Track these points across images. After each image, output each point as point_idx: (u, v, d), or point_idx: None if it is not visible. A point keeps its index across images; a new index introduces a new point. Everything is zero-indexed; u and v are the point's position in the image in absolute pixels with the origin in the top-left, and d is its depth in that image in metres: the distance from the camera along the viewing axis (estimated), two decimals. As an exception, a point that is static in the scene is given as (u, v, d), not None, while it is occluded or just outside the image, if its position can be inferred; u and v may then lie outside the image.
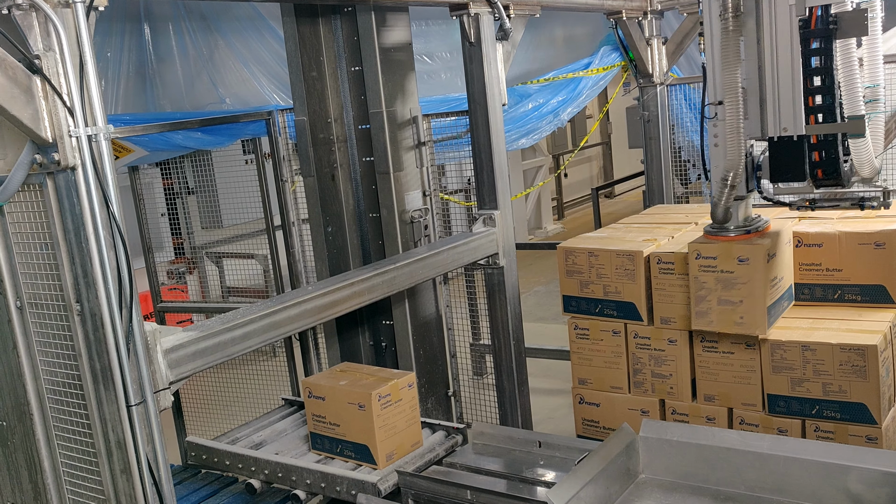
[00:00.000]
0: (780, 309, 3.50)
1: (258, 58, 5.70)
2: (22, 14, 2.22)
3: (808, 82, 2.88)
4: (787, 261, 3.50)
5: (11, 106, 2.22)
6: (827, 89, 2.86)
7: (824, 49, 2.84)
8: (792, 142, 2.95)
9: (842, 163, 3.02)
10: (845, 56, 2.82)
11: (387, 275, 3.49)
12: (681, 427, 3.03)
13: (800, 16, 2.87)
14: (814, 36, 2.85)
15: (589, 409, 4.06)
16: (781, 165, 3.05)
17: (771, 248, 3.30)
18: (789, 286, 3.57)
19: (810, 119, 2.90)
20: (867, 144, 2.92)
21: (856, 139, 2.90)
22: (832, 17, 2.83)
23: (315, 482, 3.22)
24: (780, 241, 3.40)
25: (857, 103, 2.83)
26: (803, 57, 2.87)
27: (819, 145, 2.97)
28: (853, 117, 2.84)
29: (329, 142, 4.21)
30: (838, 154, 3.02)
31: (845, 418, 3.39)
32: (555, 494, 2.61)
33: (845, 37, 2.81)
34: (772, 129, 2.93)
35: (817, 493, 2.65)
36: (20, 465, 2.77)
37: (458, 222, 6.01)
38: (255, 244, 6.51)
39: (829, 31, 2.82)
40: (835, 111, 2.87)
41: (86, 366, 2.48)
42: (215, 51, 5.55)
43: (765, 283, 3.22)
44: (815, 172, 3.10)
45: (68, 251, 2.41)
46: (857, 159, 2.96)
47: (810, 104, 2.89)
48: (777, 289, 3.42)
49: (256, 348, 3.15)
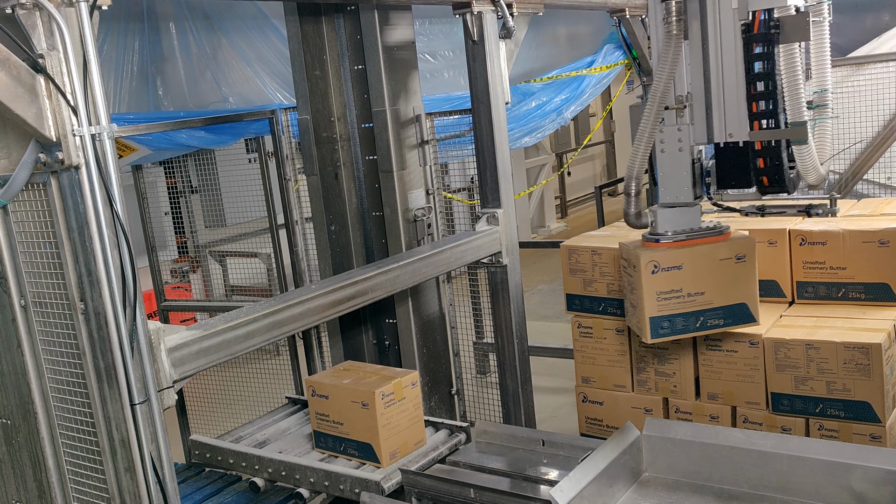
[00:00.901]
0: (691, 325, 3.11)
1: (261, 56, 5.70)
2: (26, 13, 2.23)
3: (751, 87, 2.82)
4: (717, 276, 3.06)
5: (15, 105, 2.23)
6: (770, 95, 2.80)
7: (766, 54, 2.78)
8: (738, 148, 2.90)
9: (787, 170, 2.95)
10: (788, 61, 2.75)
11: (390, 273, 3.48)
12: (684, 425, 3.02)
13: (742, 20, 2.80)
14: (756, 40, 2.78)
15: (592, 408, 4.06)
16: (727, 172, 3.00)
17: (668, 260, 3.02)
18: (727, 306, 3.11)
19: (754, 125, 2.84)
20: (811, 151, 2.84)
21: (799, 146, 2.83)
22: (774, 22, 2.77)
23: (318, 480, 3.23)
24: (709, 255, 3.04)
25: (800, 109, 2.75)
26: (746, 62, 2.81)
27: (763, 152, 2.90)
28: (796, 123, 2.76)
29: (332, 140, 4.22)
30: (782, 161, 2.95)
31: (849, 417, 3.38)
32: (558, 493, 2.61)
33: (788, 41, 2.74)
34: (718, 134, 2.88)
35: (821, 492, 2.65)
36: (24, 463, 2.77)
37: (462, 221, 6.01)
38: (259, 243, 6.52)
39: (771, 36, 2.76)
40: (778, 117, 2.81)
41: (90, 364, 2.49)
42: (219, 50, 5.56)
43: (648, 293, 3.04)
44: (760, 179, 3.04)
45: (72, 250, 2.42)
46: (802, 166, 2.88)
47: (754, 110, 2.83)
48: (681, 302, 3.07)
49: (260, 347, 3.15)
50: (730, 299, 2.96)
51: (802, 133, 2.76)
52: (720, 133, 2.88)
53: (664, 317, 3.00)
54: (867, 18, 6.31)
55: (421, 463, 3.25)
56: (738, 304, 2.95)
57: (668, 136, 3.00)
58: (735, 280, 2.95)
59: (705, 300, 2.96)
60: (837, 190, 5.61)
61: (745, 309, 2.97)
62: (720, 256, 2.95)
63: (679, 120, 2.98)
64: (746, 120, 2.83)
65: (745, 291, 2.96)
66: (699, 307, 2.98)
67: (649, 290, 2.98)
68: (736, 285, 2.96)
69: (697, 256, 2.97)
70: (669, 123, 3.00)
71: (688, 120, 2.97)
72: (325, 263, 4.37)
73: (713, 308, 2.99)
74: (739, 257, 2.91)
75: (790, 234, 3.78)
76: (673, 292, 2.97)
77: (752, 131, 2.83)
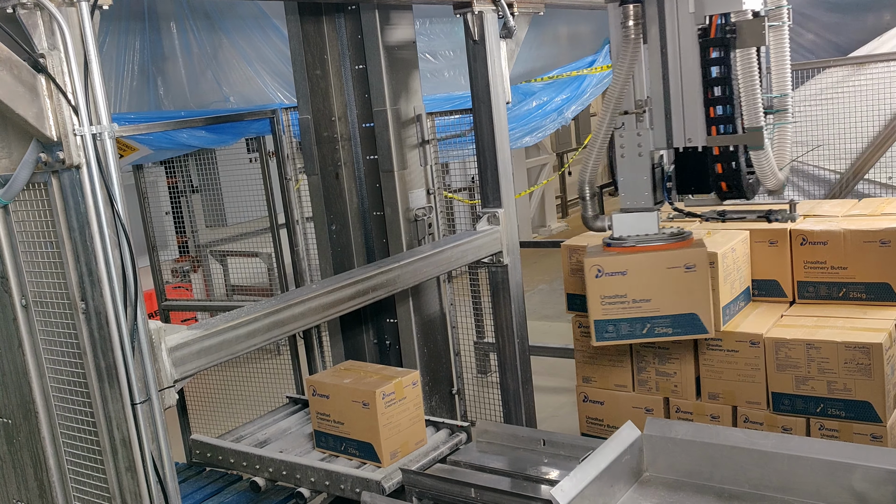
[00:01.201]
0: (636, 331, 3.09)
1: (262, 56, 5.70)
2: (27, 13, 2.23)
3: (708, 92, 2.79)
4: (664, 284, 2.99)
5: (16, 104, 2.23)
6: (727, 100, 2.77)
7: (723, 59, 2.75)
8: (697, 153, 2.88)
9: (745, 175, 2.92)
10: (745, 66, 2.72)
11: (391, 273, 3.48)
12: (685, 425, 3.02)
13: (699, 24, 2.77)
14: (712, 45, 2.76)
15: (593, 408, 4.06)
16: (687, 177, 2.97)
17: (612, 265, 3.01)
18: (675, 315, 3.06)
19: (712, 130, 2.81)
20: (768, 156, 2.80)
21: (756, 151, 2.80)
22: (731, 26, 2.73)
23: (319, 480, 3.23)
24: (656, 263, 3.00)
25: (757, 115, 2.72)
26: (703, 66, 2.78)
27: (721, 157, 2.88)
28: (752, 129, 2.74)
29: (333, 140, 4.22)
30: (740, 166, 2.93)
31: (850, 416, 3.38)
32: (559, 492, 2.61)
33: (744, 46, 2.71)
34: (677, 139, 2.86)
35: (822, 492, 2.65)
36: (25, 462, 2.77)
37: (462, 220, 6.01)
38: (260, 242, 6.53)
39: (728, 41, 2.73)
40: (735, 122, 2.78)
41: (91, 364, 2.49)
42: (219, 49, 5.56)
43: (593, 296, 3.03)
44: (718, 185, 3.01)
45: (73, 250, 2.42)
46: (760, 171, 2.83)
47: (711, 115, 2.80)
48: (625, 308, 3.06)
49: (260, 346, 3.16)
50: (678, 308, 2.90)
51: (759, 139, 2.73)
52: (679, 138, 2.86)
53: (609, 321, 2.98)
54: (868, 18, 6.31)
55: (422, 462, 3.25)
56: (687, 313, 2.89)
57: (628, 141, 2.97)
58: (684, 289, 2.89)
59: (651, 307, 2.92)
60: (839, 189, 5.61)
61: (695, 319, 2.91)
62: (667, 265, 2.90)
63: (639, 125, 2.96)
64: (703, 125, 2.80)
65: (695, 301, 2.89)
66: (645, 314, 2.94)
67: (593, 293, 2.97)
68: (685, 295, 2.89)
69: (642, 263, 2.93)
70: (629, 128, 2.97)
71: (647, 124, 2.94)
72: (325, 263, 4.37)
73: (660, 316, 2.94)
74: (689, 267, 2.86)
75: (791, 233, 3.78)
76: (617, 297, 2.95)
77: (710, 136, 2.80)
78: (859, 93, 5.37)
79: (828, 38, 6.50)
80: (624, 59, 2.84)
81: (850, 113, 5.40)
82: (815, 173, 5.72)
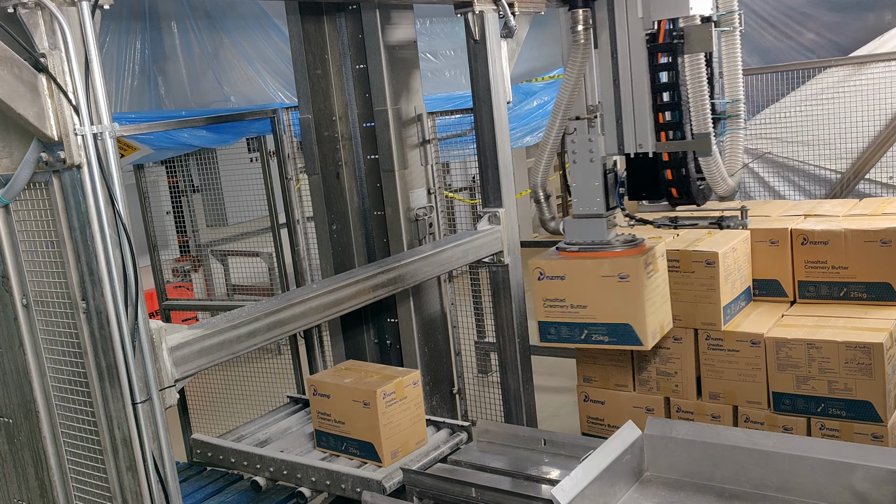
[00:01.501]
0: (576, 335, 3.06)
1: (263, 56, 5.71)
2: (27, 12, 2.23)
3: (656, 98, 2.77)
4: (599, 293, 2.95)
5: (17, 104, 2.23)
6: (675, 106, 2.75)
7: (671, 64, 2.73)
8: (647, 159, 2.86)
9: (694, 181, 2.90)
10: (693, 72, 2.70)
11: (391, 272, 3.48)
12: (686, 425, 3.02)
13: (647, 30, 2.76)
14: (660, 50, 2.74)
15: (594, 407, 4.06)
16: (638, 183, 2.95)
17: (552, 269, 3.00)
18: (610, 324, 2.99)
19: (661, 136, 2.80)
20: (717, 162, 2.77)
21: (704, 157, 2.78)
22: (678, 32, 2.72)
23: (320, 480, 3.23)
24: (592, 270, 2.96)
25: (705, 120, 2.70)
26: (651, 72, 2.77)
27: (671, 163, 2.86)
28: (700, 135, 2.72)
29: (334, 140, 4.22)
30: (689, 172, 2.92)
31: (851, 416, 3.38)
32: (560, 492, 2.61)
33: (692, 52, 2.69)
34: (628, 145, 2.85)
35: (823, 492, 2.65)
36: (26, 462, 2.78)
37: (463, 220, 6.01)
38: (260, 242, 6.53)
39: (675, 46, 2.71)
40: (684, 128, 2.75)
41: (91, 363, 2.49)
42: (220, 49, 5.57)
43: (536, 298, 3.00)
44: (669, 191, 3.00)
45: (74, 249, 2.42)
46: (710, 178, 2.81)
47: (660, 120, 2.79)
48: (564, 312, 3.04)
49: (261, 346, 3.16)
50: (613, 318, 2.85)
51: (706, 144, 2.70)
52: (630, 144, 2.84)
53: (551, 323, 2.96)
54: (869, 17, 6.31)
55: (422, 462, 3.25)
56: (622, 323, 2.84)
57: (580, 147, 2.95)
58: (618, 299, 2.84)
59: (588, 314, 2.89)
60: (840, 189, 5.61)
61: (629, 330, 2.84)
62: (602, 273, 2.86)
63: (590, 130, 2.94)
64: (652, 131, 2.79)
65: (630, 312, 2.83)
66: (582, 320, 2.91)
67: (537, 295, 2.97)
68: (619, 304, 2.84)
69: (579, 270, 2.91)
70: (581, 134, 2.95)
71: (599, 130, 2.93)
72: (326, 262, 4.37)
73: (596, 323, 2.90)
74: (622, 277, 2.81)
75: (792, 233, 3.78)
76: (557, 301, 2.93)
77: (659, 142, 2.79)
78: (860, 92, 5.37)
79: (828, 37, 6.50)
80: (574, 64, 2.82)
81: (850, 113, 5.40)
82: (815, 173, 5.72)
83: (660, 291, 2.91)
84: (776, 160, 5.84)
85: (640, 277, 2.78)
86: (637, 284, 2.80)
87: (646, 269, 2.80)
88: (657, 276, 2.88)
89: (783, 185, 5.89)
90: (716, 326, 3.64)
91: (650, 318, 2.79)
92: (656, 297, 2.86)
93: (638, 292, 2.80)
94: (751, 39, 6.79)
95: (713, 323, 3.64)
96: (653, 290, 2.84)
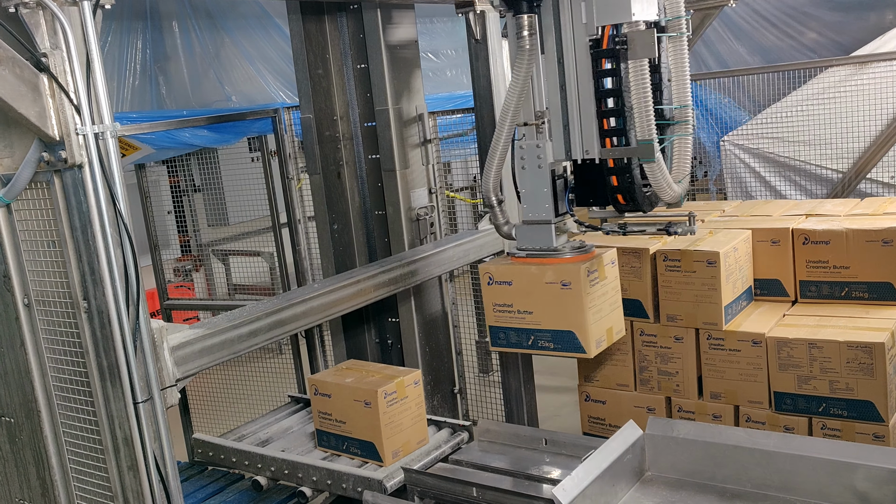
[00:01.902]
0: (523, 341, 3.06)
1: (264, 55, 5.72)
2: (29, 12, 2.23)
3: (601, 104, 2.79)
4: (544, 299, 2.94)
5: (19, 104, 2.23)
6: (619, 112, 2.74)
7: (614, 70, 2.71)
8: (594, 165, 2.87)
9: (640, 187, 2.92)
10: (637, 78, 2.68)
11: (392, 272, 3.49)
12: (687, 424, 3.02)
13: (591, 35, 2.75)
14: (604, 56, 2.73)
15: (595, 407, 4.06)
16: (585, 189, 2.94)
17: (500, 274, 2.99)
18: (555, 330, 2.98)
19: (606, 142, 2.81)
20: (662, 169, 2.77)
21: (649, 164, 2.78)
22: (622, 38, 2.69)
23: (321, 479, 3.23)
24: (536, 276, 2.96)
25: (649, 127, 2.68)
26: (596, 78, 2.76)
27: (616, 169, 2.86)
28: (643, 141, 2.72)
29: (335, 139, 4.22)
30: (633, 179, 2.93)
31: (852, 416, 3.38)
32: (561, 492, 2.61)
33: (635, 58, 2.66)
34: (575, 151, 2.85)
35: (824, 491, 2.64)
36: (28, 461, 2.78)
37: (464, 220, 6.01)
38: (262, 242, 6.54)
39: (618, 52, 2.69)
40: (628, 134, 2.75)
41: (93, 363, 2.49)
42: (221, 48, 5.58)
43: (487, 302, 3.00)
44: (615, 198, 3.03)
45: (75, 249, 2.42)
46: (655, 184, 2.80)
47: (605, 127, 2.79)
48: (512, 317, 3.03)
49: (262, 346, 3.16)
50: (557, 324, 2.84)
51: (650, 151, 2.70)
52: (577, 150, 2.84)
53: (500, 328, 2.96)
54: (871, 17, 6.31)
55: (423, 462, 3.25)
56: (565, 330, 2.84)
57: (528, 153, 2.95)
58: (561, 306, 2.83)
59: (534, 320, 2.89)
60: (841, 189, 5.61)
61: (573, 337, 2.83)
62: (546, 279, 2.85)
63: (538, 136, 2.94)
64: (597, 137, 2.79)
65: (572, 319, 2.82)
66: (528, 325, 2.91)
67: (487, 299, 2.99)
68: (563, 311, 2.83)
69: (524, 275, 2.91)
70: (529, 140, 2.95)
71: (547, 136, 2.92)
72: (327, 262, 4.37)
73: (542, 329, 2.88)
74: (565, 284, 2.80)
75: (793, 233, 3.78)
76: (505, 306, 2.93)
77: (604, 148, 2.79)
78: (861, 92, 5.37)
79: (830, 37, 6.51)
80: (519, 69, 2.82)
81: (852, 112, 5.39)
82: (817, 172, 5.72)
83: (608, 299, 2.92)
84: (777, 160, 5.84)
85: (581, 285, 2.79)
86: (579, 291, 2.80)
87: (588, 276, 2.81)
88: (604, 284, 2.90)
89: (784, 185, 5.89)
90: (717, 326, 3.64)
91: (594, 327, 2.81)
92: (603, 305, 2.87)
93: (580, 299, 2.80)
94: (752, 39, 6.80)
95: (714, 322, 3.64)
96: (598, 297, 2.85)
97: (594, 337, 2.79)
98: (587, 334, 2.79)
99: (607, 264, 2.94)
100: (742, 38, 6.90)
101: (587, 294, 2.79)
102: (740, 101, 6.35)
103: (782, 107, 5.72)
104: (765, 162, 5.89)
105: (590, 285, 2.81)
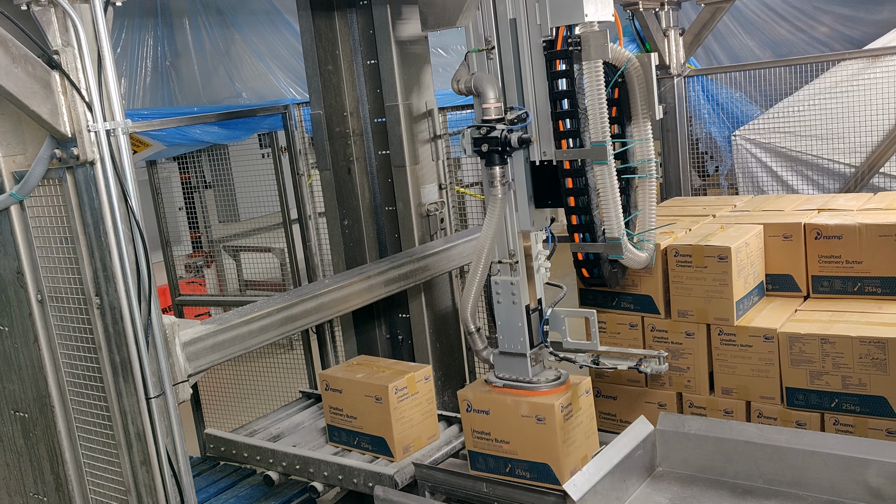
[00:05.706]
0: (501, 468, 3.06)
1: (274, 52, 5.72)
2: (41, 10, 2.24)
3: (555, 105, 2.77)
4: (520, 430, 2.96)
5: (31, 101, 2.24)
6: (572, 114, 2.74)
7: (567, 71, 2.71)
8: (550, 166, 2.87)
9: (605, 263, 2.95)
10: (591, 78, 2.69)
11: (403, 268, 3.49)
12: (698, 420, 3.02)
13: (545, 36, 2.74)
14: (558, 57, 2.72)
15: (606, 403, 4.05)
16: (542, 191, 2.94)
17: (478, 402, 3.03)
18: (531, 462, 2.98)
19: (562, 143, 2.80)
20: (608, 172, 2.77)
21: (599, 165, 2.77)
22: (575, 39, 2.70)
23: (332, 474, 3.24)
24: (512, 408, 2.98)
25: (603, 129, 2.69)
26: (550, 79, 2.75)
27: (571, 171, 2.85)
28: (596, 143, 2.72)
29: (345, 135, 4.22)
30: (599, 255, 2.95)
31: (865, 412, 3.36)
32: (572, 487, 2.62)
33: (588, 59, 2.67)
34: (534, 153, 2.86)
35: (836, 487, 2.63)
36: (42, 456, 2.80)
37: (475, 215, 6.00)
38: (272, 238, 6.55)
39: (571, 53, 2.69)
40: (582, 136, 2.75)
41: (105, 358, 2.51)
42: (231, 45, 5.59)
43: (466, 427, 3.06)
44: (580, 271, 3.03)
45: (88, 245, 2.44)
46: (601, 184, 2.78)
47: (560, 128, 2.79)
48: (489, 445, 3.06)
49: (274, 341, 3.17)
50: (532, 456, 2.90)
51: (602, 153, 2.70)
52: (536, 151, 2.85)
53: (479, 453, 3.05)
54: (883, 11, 6.26)
55: (434, 457, 3.26)
56: (541, 462, 2.89)
57: (503, 289, 3.01)
58: (536, 440, 2.89)
59: (510, 449, 2.96)
60: (854, 183, 5.57)
61: (548, 470, 2.88)
62: (521, 413, 2.92)
63: (512, 273, 2.98)
64: (552, 138, 2.80)
65: (547, 453, 2.87)
66: (506, 454, 2.97)
67: (466, 425, 3.08)
68: (538, 444, 2.89)
69: (501, 406, 2.98)
70: (504, 276, 2.99)
71: (520, 274, 2.96)
72: (338, 258, 4.38)
73: (519, 459, 2.95)
74: (539, 419, 2.86)
75: (805, 227, 3.76)
76: (483, 434, 3.02)
77: (559, 150, 2.79)
78: (874, 86, 5.32)
79: (842, 31, 6.45)
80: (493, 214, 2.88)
81: (865, 106, 5.35)
82: (829, 167, 5.68)
83: (582, 428, 3.01)
84: (789, 154, 5.80)
85: (555, 420, 2.85)
86: (553, 427, 2.86)
87: (563, 411, 2.88)
88: (578, 415, 2.98)
89: (796, 180, 5.85)
90: (728, 321, 3.62)
91: (567, 459, 2.89)
92: (577, 435, 2.96)
93: (554, 434, 2.86)
94: (763, 33, 6.75)
95: (726, 318, 3.62)
96: (572, 429, 2.93)
97: (568, 468, 2.88)
98: (561, 467, 2.88)
99: (581, 395, 3.02)
100: (753, 32, 6.85)
101: (561, 429, 2.87)
102: (751, 95, 6.31)
103: (794, 101, 5.68)
104: (776, 156, 5.85)
105: (563, 420, 2.88)
